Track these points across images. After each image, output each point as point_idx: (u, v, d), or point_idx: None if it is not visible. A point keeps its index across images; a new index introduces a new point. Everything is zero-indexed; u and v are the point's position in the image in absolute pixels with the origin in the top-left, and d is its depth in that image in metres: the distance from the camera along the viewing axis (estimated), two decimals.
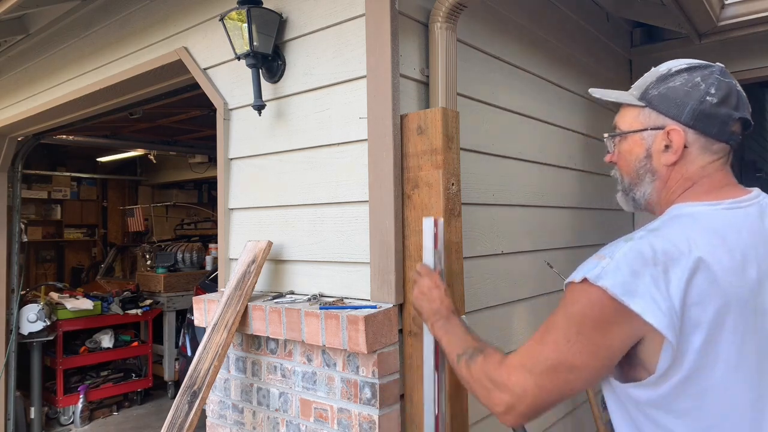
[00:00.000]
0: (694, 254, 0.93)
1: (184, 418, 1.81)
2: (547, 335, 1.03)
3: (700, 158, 1.06)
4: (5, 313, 4.21)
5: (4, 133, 3.95)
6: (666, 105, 1.07)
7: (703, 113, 1.04)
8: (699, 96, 1.04)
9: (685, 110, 1.05)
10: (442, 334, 1.35)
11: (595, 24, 3.13)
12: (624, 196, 1.18)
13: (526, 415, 1.05)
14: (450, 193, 1.72)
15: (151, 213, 8.01)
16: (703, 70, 1.07)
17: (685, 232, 0.97)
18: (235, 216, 2.25)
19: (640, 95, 1.11)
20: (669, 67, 1.10)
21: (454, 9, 1.80)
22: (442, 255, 1.59)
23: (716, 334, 0.93)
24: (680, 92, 1.06)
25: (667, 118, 1.07)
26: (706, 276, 0.93)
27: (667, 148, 1.07)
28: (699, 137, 1.05)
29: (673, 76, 1.08)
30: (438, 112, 1.69)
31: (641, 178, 1.12)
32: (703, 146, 1.05)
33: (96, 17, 2.87)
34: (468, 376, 1.18)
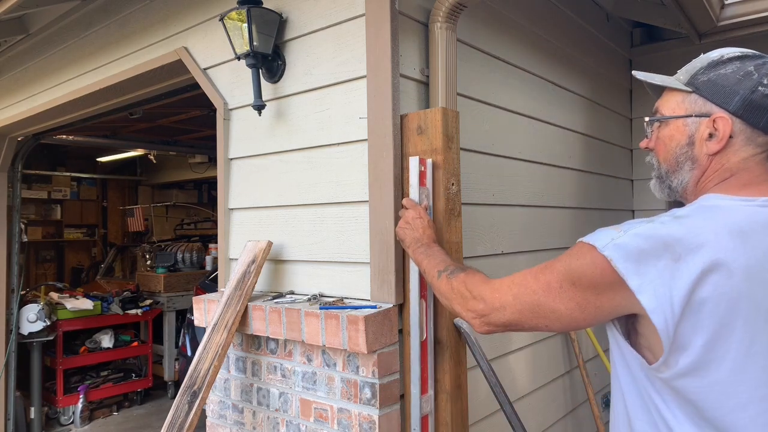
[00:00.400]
0: (713, 250, 0.91)
1: (184, 418, 1.81)
2: (543, 275, 1.07)
3: (743, 150, 1.03)
4: (5, 313, 4.21)
5: (4, 133, 3.95)
6: (714, 92, 1.04)
7: (753, 103, 1.00)
8: (751, 85, 1.01)
9: (734, 99, 1.01)
10: (422, 257, 1.42)
11: (595, 24, 3.13)
12: (659, 183, 1.14)
13: (496, 325, 1.14)
14: (450, 193, 1.72)
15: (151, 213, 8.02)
16: (757, 59, 1.04)
17: (710, 226, 0.94)
18: (235, 216, 2.25)
19: (688, 80, 1.08)
20: (721, 54, 1.06)
21: (454, 9, 1.80)
22: (430, 193, 1.68)
23: (725, 332, 0.92)
24: (731, 80, 1.03)
25: (714, 106, 1.03)
26: (722, 274, 0.91)
27: (711, 137, 1.04)
28: (745, 128, 1.02)
29: (725, 63, 1.04)
30: (438, 112, 1.69)
31: (680, 166, 1.09)
32: (748, 138, 1.02)
33: (96, 17, 2.87)
34: (448, 288, 1.26)
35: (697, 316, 0.91)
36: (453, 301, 1.25)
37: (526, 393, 2.40)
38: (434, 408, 1.74)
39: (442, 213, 1.70)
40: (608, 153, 3.27)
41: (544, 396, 2.55)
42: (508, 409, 1.80)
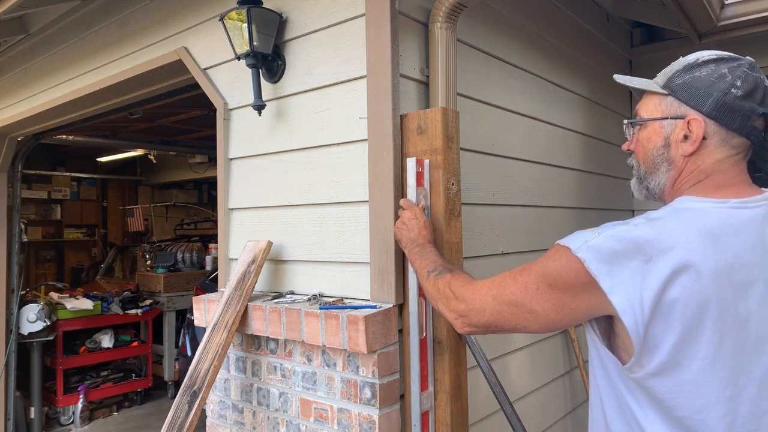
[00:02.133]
0: (683, 252, 0.93)
1: (184, 418, 1.81)
2: (521, 276, 1.09)
3: (717, 151, 1.04)
4: (5, 313, 4.21)
5: (4, 133, 3.95)
6: (689, 94, 1.06)
7: (726, 105, 1.02)
8: (724, 87, 1.02)
9: (708, 101, 1.03)
10: (416, 257, 1.46)
11: (595, 24, 3.13)
12: (638, 183, 1.17)
13: (476, 326, 1.17)
14: (450, 193, 1.72)
15: (151, 213, 8.02)
16: (732, 62, 1.06)
17: (681, 228, 0.97)
18: (235, 216, 2.25)
19: (665, 83, 1.10)
20: (697, 57, 1.09)
21: (454, 9, 1.80)
22: (428, 193, 1.69)
23: (695, 333, 0.94)
24: (705, 82, 1.04)
25: (689, 108, 1.05)
26: (691, 276, 0.93)
27: (686, 138, 1.05)
28: (719, 129, 1.03)
29: (700, 66, 1.06)
30: (438, 112, 1.69)
31: (657, 167, 1.11)
32: (722, 139, 1.04)
33: (96, 17, 2.87)
34: (434, 288, 1.30)
35: (667, 317, 0.93)
36: (438, 301, 1.29)
37: (526, 393, 2.40)
38: (434, 407, 1.74)
39: (442, 213, 1.70)
40: (608, 153, 3.27)
41: (544, 396, 2.55)
42: (508, 408, 1.81)
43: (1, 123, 3.65)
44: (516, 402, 2.28)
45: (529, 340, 2.43)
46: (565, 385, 2.76)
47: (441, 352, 1.71)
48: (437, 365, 1.72)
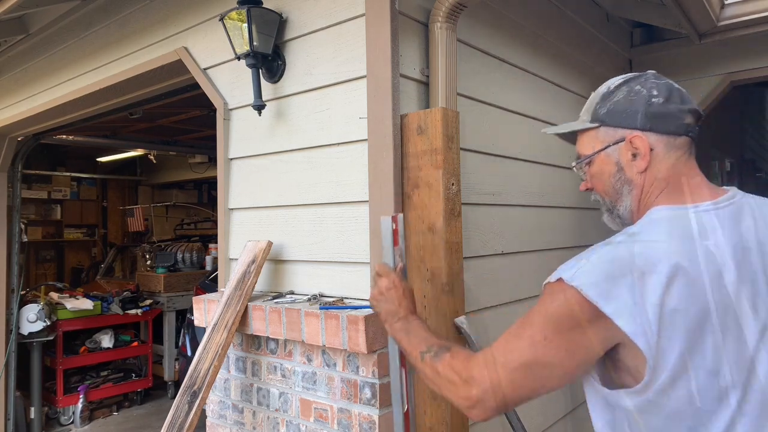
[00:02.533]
0: (672, 260, 0.93)
1: (184, 418, 1.81)
2: (524, 331, 1.01)
3: (667, 157, 1.07)
4: (5, 313, 4.21)
5: (4, 133, 3.95)
6: (618, 118, 1.09)
7: (654, 114, 1.06)
8: (644, 100, 1.07)
9: (637, 117, 1.07)
10: (401, 335, 1.27)
11: (595, 24, 3.13)
12: (609, 216, 1.18)
13: (495, 409, 1.01)
14: (450, 193, 1.72)
15: (151, 213, 8.01)
16: (638, 78, 1.10)
17: (663, 237, 0.97)
18: (235, 216, 2.25)
19: (591, 117, 1.14)
20: (608, 86, 1.13)
21: (455, 9, 1.80)
22: (404, 252, 1.53)
23: (698, 338, 0.93)
24: (626, 102, 1.09)
25: (625, 129, 1.09)
26: (685, 282, 0.93)
27: (635, 156, 1.08)
28: (660, 137, 1.07)
29: (614, 92, 1.11)
30: (438, 112, 1.69)
31: (620, 192, 1.12)
32: (666, 144, 1.07)
33: (96, 17, 2.87)
34: (433, 373, 1.12)
35: (671, 328, 0.92)
36: (442, 388, 1.10)
37: None
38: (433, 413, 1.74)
39: (441, 213, 1.70)
40: None
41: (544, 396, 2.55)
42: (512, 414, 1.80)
43: (1, 123, 3.65)
44: None
45: None
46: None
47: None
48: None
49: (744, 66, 3.15)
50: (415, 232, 1.74)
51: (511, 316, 2.31)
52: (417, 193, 1.74)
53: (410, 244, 1.76)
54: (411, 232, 1.75)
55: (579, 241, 2.83)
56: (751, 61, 3.13)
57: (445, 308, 1.70)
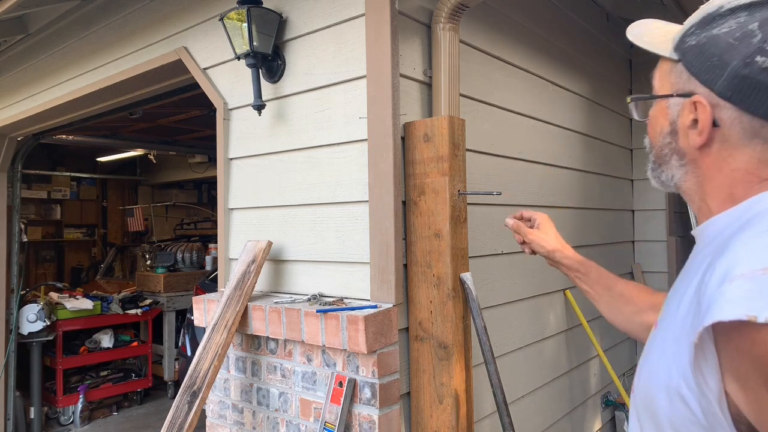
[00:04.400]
0: None
1: (184, 418, 1.81)
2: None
3: (748, 146, 0.73)
4: (5, 313, 4.21)
5: (4, 133, 3.95)
6: (700, 62, 0.75)
7: (746, 80, 0.70)
8: (746, 53, 0.70)
9: (722, 74, 0.72)
10: None
11: (595, 24, 3.13)
12: (651, 171, 0.89)
13: None
14: (456, 199, 1.73)
15: (151, 213, 8.01)
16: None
17: None
18: (235, 216, 2.25)
19: (678, 42, 0.80)
20: (722, 3, 0.75)
21: (456, 10, 1.80)
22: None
23: None
24: (723, 44, 0.72)
25: (699, 83, 0.75)
26: None
27: (695, 124, 0.76)
28: (741, 115, 0.72)
29: (724, 17, 0.74)
30: (445, 120, 1.71)
31: (666, 159, 0.84)
32: (748, 129, 0.72)
33: (96, 17, 2.87)
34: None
35: None
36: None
37: (526, 393, 2.40)
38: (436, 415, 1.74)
39: (448, 220, 1.71)
40: (608, 153, 3.27)
41: (544, 396, 2.55)
42: (492, 366, 1.78)
43: (1, 123, 3.65)
44: (516, 402, 2.28)
45: (529, 339, 2.43)
46: (565, 385, 2.76)
47: (447, 357, 1.71)
48: (443, 370, 1.72)
49: None
50: (421, 237, 1.75)
51: (511, 316, 2.31)
52: (423, 200, 1.75)
53: (417, 249, 1.77)
54: (417, 238, 1.77)
55: (579, 242, 2.83)
56: None
57: (451, 313, 1.70)
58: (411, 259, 1.79)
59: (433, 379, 1.73)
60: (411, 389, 1.79)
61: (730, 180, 0.76)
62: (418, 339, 1.77)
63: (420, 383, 1.76)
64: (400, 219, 1.73)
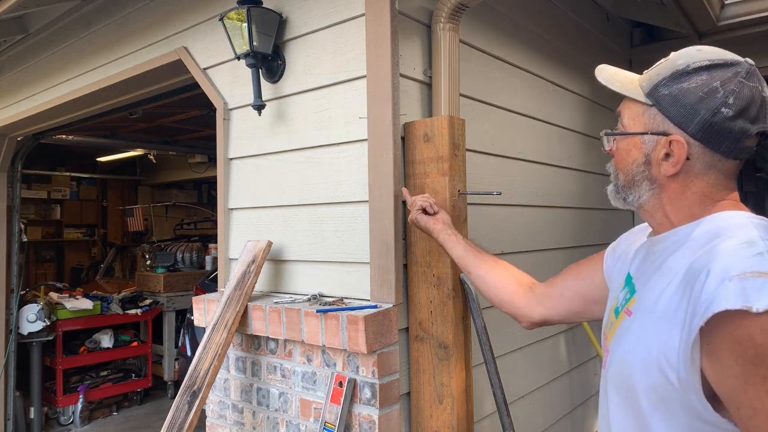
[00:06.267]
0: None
1: (184, 418, 1.81)
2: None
3: (706, 174, 0.94)
4: (5, 313, 4.21)
5: (4, 133, 3.95)
6: (675, 110, 0.93)
7: (713, 127, 0.90)
8: (713, 106, 0.89)
9: (694, 120, 0.91)
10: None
11: (595, 24, 3.13)
12: (615, 193, 1.08)
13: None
14: (456, 199, 1.73)
15: (151, 213, 8.01)
16: (727, 69, 0.91)
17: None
18: (234, 216, 2.25)
19: (650, 90, 0.97)
20: (687, 63, 0.93)
21: (457, 10, 1.80)
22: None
23: None
24: (693, 97, 0.91)
25: (673, 125, 0.93)
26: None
27: (668, 157, 0.95)
28: (705, 151, 0.92)
29: (690, 75, 0.92)
30: (445, 120, 1.71)
31: (638, 184, 1.01)
32: (709, 162, 0.93)
33: (96, 17, 2.87)
34: None
35: None
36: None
37: (526, 393, 2.40)
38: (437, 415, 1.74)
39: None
40: None
41: (545, 396, 2.55)
42: (492, 366, 1.79)
43: (1, 123, 3.65)
44: (516, 402, 2.28)
45: (529, 339, 2.43)
46: (565, 384, 2.76)
47: (447, 357, 1.71)
48: (443, 370, 1.72)
49: None
50: (422, 237, 1.75)
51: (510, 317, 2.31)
52: None
53: (417, 249, 1.77)
54: (417, 238, 1.77)
55: (579, 241, 2.83)
56: None
57: (451, 313, 1.70)
58: (411, 259, 1.79)
59: (433, 379, 1.73)
60: (411, 389, 1.79)
61: (690, 201, 0.96)
62: (418, 339, 1.77)
63: (420, 383, 1.76)
64: (400, 219, 1.73)
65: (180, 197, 8.62)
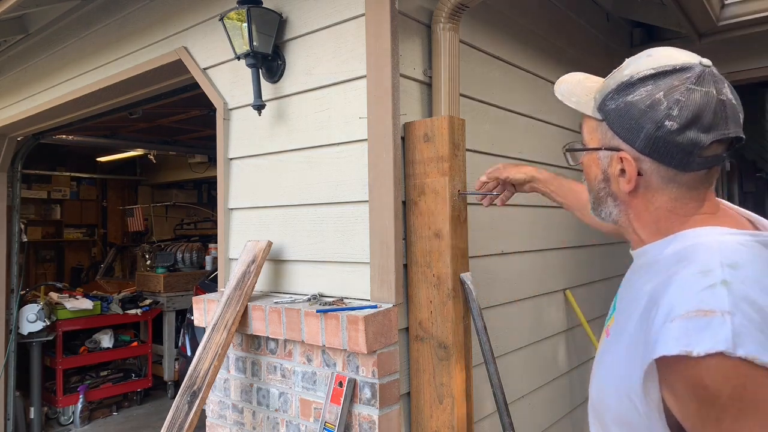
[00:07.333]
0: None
1: (184, 418, 1.81)
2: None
3: (666, 189, 0.88)
4: (5, 313, 4.21)
5: (4, 133, 3.95)
6: (621, 124, 0.88)
7: (659, 141, 0.83)
8: (657, 119, 0.83)
9: (639, 135, 0.85)
10: None
11: (595, 24, 3.13)
12: (593, 210, 1.02)
13: None
14: (456, 199, 1.73)
15: (151, 213, 8.01)
16: (673, 77, 0.84)
17: (759, 267, 0.78)
18: (234, 216, 2.25)
19: (600, 104, 0.92)
20: (632, 73, 0.88)
21: (456, 9, 1.80)
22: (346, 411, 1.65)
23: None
24: (637, 111, 0.85)
25: (622, 141, 0.88)
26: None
27: (623, 173, 0.89)
28: (658, 166, 0.86)
29: (635, 86, 0.86)
30: (445, 120, 1.71)
31: (603, 200, 0.97)
32: (665, 176, 0.86)
33: (96, 17, 2.87)
34: None
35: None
36: None
37: (526, 393, 2.40)
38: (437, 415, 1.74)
39: (448, 220, 1.71)
40: None
41: (544, 396, 2.55)
42: (492, 367, 1.78)
43: (1, 123, 3.65)
44: (516, 402, 2.28)
45: (529, 339, 2.43)
46: (565, 385, 2.76)
47: (447, 357, 1.71)
48: (443, 370, 1.72)
49: (744, 66, 3.15)
50: (421, 237, 1.75)
51: (510, 316, 2.31)
52: (423, 200, 1.75)
53: (417, 249, 1.78)
54: (417, 238, 1.77)
55: (579, 241, 2.83)
56: (751, 61, 3.13)
57: (451, 313, 1.70)
58: (411, 259, 1.79)
59: (433, 379, 1.73)
60: (411, 389, 1.79)
61: (655, 216, 0.91)
62: (418, 339, 1.77)
63: (420, 383, 1.76)
64: (400, 219, 1.73)
65: (180, 197, 8.61)
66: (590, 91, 0.97)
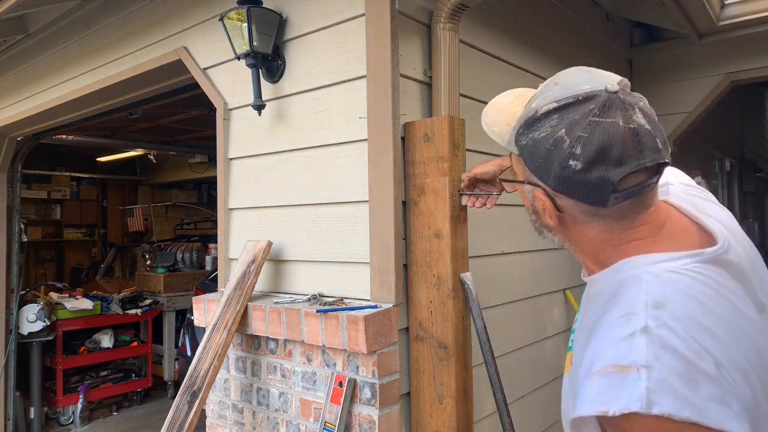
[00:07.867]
0: (715, 329, 0.72)
1: (184, 418, 1.81)
2: None
3: (592, 222, 0.83)
4: (5, 313, 4.21)
5: (4, 133, 3.95)
6: (533, 162, 0.83)
7: (567, 180, 0.79)
8: (561, 158, 0.78)
9: (550, 174, 0.80)
10: None
11: (595, 24, 3.13)
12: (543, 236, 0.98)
13: None
14: (456, 199, 1.74)
15: (151, 213, 8.01)
16: (576, 109, 0.78)
17: (691, 299, 0.74)
18: (234, 216, 2.25)
19: (515, 138, 0.87)
20: (537, 107, 0.83)
21: (456, 9, 1.80)
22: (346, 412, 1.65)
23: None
24: (543, 150, 0.80)
25: (537, 178, 0.84)
26: (734, 360, 0.71)
27: (545, 209, 0.86)
28: (575, 203, 0.82)
29: (540, 122, 0.81)
30: (445, 120, 1.71)
31: (540, 230, 0.95)
32: (586, 211, 0.82)
33: (96, 17, 2.87)
34: None
35: (751, 401, 0.71)
36: None
37: (526, 393, 2.40)
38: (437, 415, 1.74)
39: (448, 220, 1.71)
40: None
41: (545, 396, 2.55)
42: (492, 367, 1.79)
43: (1, 123, 3.65)
44: (516, 402, 2.28)
45: (529, 339, 2.43)
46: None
47: (447, 357, 1.71)
48: (443, 370, 1.73)
49: (744, 66, 3.16)
50: (421, 237, 1.75)
51: (511, 316, 2.31)
52: (423, 200, 1.75)
53: (417, 249, 1.78)
54: (417, 238, 1.77)
55: None
56: (751, 61, 3.13)
57: (451, 313, 1.70)
58: (411, 259, 1.79)
59: (433, 379, 1.73)
60: (411, 389, 1.79)
61: (591, 248, 0.87)
62: (418, 339, 1.77)
63: (420, 383, 1.76)
64: (400, 219, 1.73)
65: (180, 197, 8.62)
66: (513, 118, 0.90)
